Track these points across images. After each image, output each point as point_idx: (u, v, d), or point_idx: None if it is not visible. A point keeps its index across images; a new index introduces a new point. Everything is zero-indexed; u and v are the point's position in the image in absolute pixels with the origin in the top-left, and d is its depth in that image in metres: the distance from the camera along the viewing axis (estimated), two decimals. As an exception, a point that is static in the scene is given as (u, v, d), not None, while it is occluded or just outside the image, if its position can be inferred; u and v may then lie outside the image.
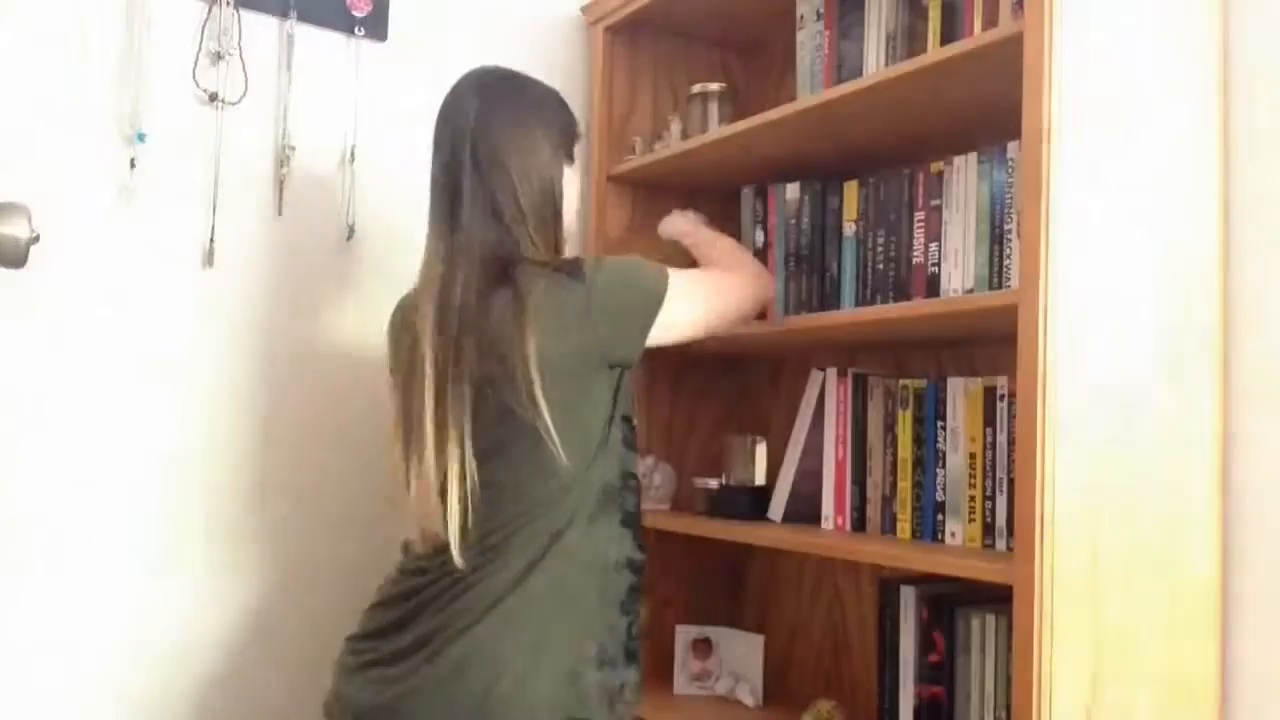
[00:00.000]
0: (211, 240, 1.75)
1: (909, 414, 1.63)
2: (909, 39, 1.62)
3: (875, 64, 1.66)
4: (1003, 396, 1.49)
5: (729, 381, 2.20)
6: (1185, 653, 1.36)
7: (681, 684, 2.00)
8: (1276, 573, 1.39)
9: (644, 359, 1.39)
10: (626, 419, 1.40)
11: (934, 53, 1.42)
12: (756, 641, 1.98)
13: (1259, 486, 1.41)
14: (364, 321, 1.88)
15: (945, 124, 1.64)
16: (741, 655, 1.99)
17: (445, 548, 1.28)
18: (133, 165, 1.68)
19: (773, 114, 1.67)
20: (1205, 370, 1.40)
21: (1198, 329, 1.40)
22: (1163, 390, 1.35)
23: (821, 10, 1.78)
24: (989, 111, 1.55)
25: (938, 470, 1.58)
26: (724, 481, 1.88)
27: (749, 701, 1.91)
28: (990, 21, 1.45)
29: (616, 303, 1.34)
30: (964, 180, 1.52)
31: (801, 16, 1.81)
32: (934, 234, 1.57)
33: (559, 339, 1.29)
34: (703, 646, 2.02)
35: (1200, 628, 1.39)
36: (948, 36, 1.53)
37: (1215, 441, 1.41)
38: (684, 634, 2.02)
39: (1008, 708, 1.42)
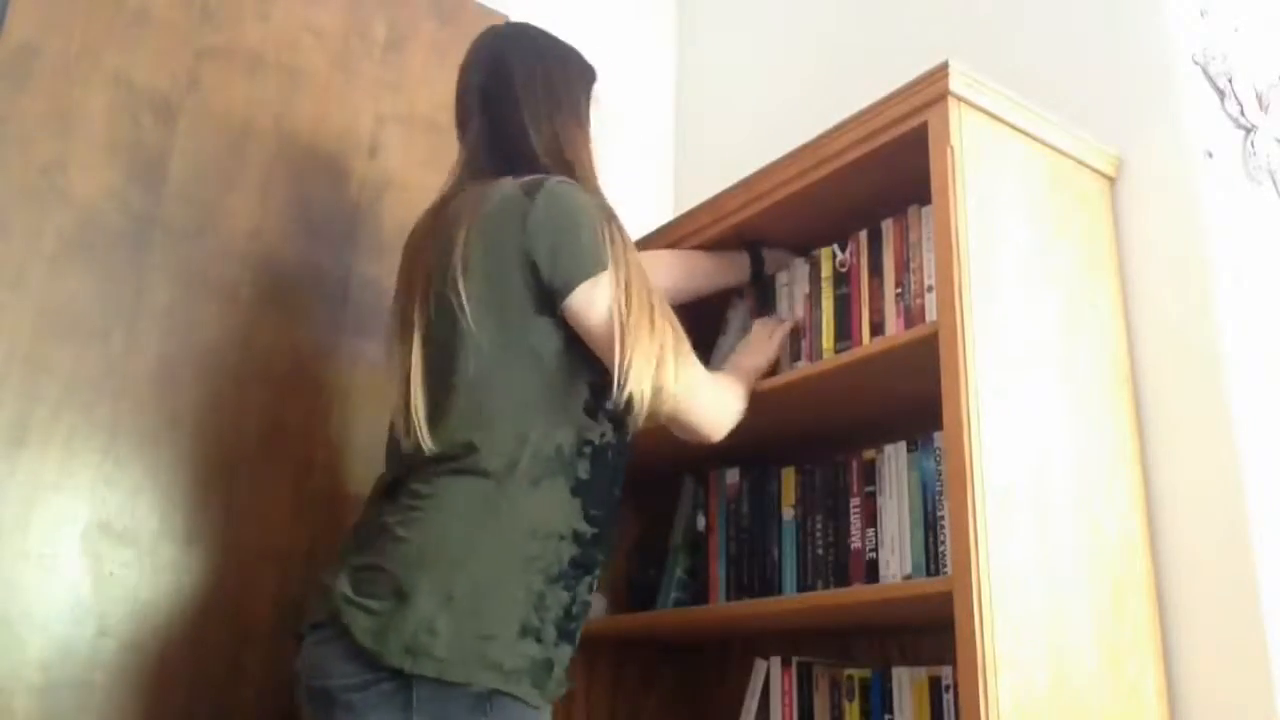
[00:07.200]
0: None
1: (855, 706, 1.58)
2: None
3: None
4: (948, 688, 1.46)
5: (670, 670, 2.12)
6: None
7: None
8: None
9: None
10: (594, 388, 1.31)
11: (863, 347, 1.51)
12: None
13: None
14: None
15: (876, 413, 1.70)
16: None
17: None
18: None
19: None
20: (1146, 662, 1.39)
21: (1131, 618, 1.40)
22: (1105, 687, 1.33)
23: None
24: (917, 401, 1.61)
25: (887, 767, 1.51)
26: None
27: None
28: (918, 318, 1.53)
29: (555, 222, 1.29)
30: (895, 468, 1.56)
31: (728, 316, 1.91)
32: (870, 520, 1.59)
33: (489, 235, 1.30)
34: None
35: None
36: (875, 331, 1.62)
37: (1165, 735, 1.38)
38: None
39: None
